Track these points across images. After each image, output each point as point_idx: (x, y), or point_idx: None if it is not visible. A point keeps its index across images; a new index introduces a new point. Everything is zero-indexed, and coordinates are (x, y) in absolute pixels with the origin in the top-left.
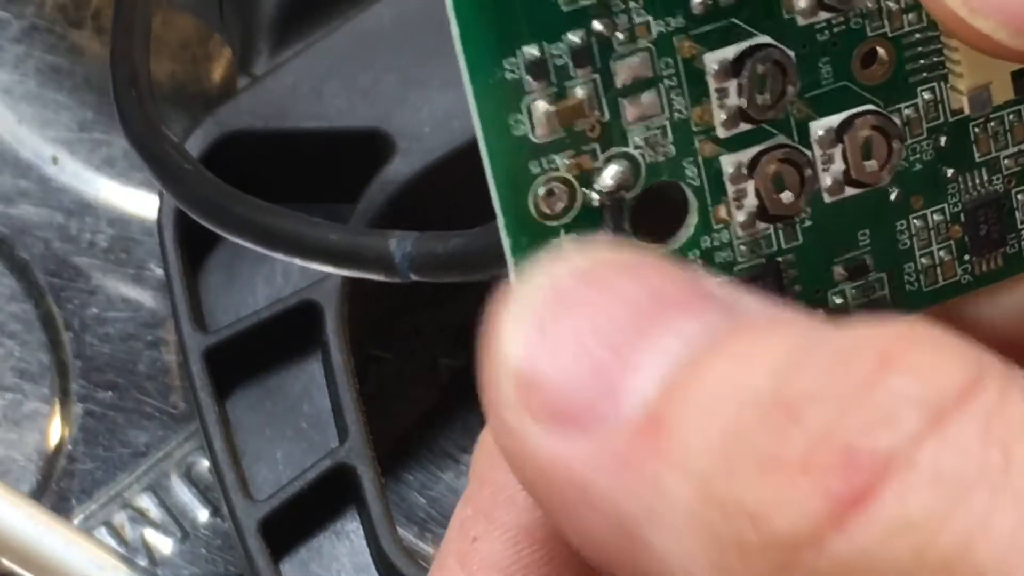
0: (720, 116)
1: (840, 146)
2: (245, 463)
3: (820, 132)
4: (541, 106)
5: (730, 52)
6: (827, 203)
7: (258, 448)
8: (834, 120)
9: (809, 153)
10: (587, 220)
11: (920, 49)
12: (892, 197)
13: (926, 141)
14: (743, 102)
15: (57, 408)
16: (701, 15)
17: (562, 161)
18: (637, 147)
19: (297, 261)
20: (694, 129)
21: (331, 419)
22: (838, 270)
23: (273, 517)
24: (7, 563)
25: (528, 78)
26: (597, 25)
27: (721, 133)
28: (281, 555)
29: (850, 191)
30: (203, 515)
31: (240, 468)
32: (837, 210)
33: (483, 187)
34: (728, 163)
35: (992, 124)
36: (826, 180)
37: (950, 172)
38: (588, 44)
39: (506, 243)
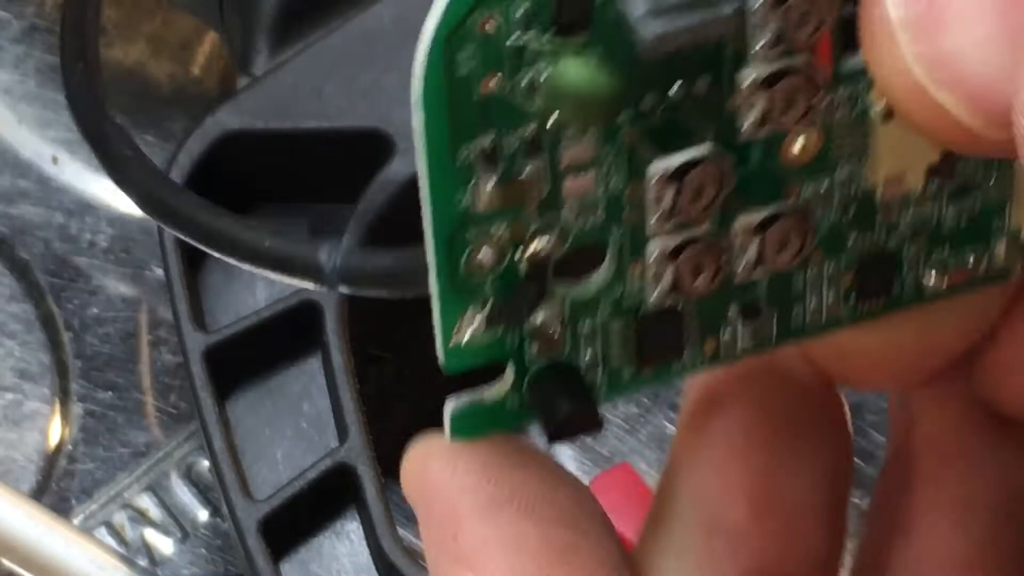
0: (654, 215)
1: (756, 239)
2: (245, 463)
3: (740, 227)
4: (487, 187)
5: (672, 162)
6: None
7: (258, 448)
8: (753, 217)
9: (724, 242)
10: (512, 279)
11: (847, 139)
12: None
13: (836, 213)
14: (677, 206)
15: (57, 408)
16: (647, 112)
17: (497, 229)
18: (568, 216)
19: (230, 261)
20: (624, 202)
21: (331, 419)
22: (732, 310)
23: (273, 517)
24: (7, 563)
25: (480, 163)
26: (551, 119)
27: (653, 226)
28: (281, 555)
29: (761, 275)
30: (203, 515)
31: (240, 468)
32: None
33: None
34: (653, 247)
35: (899, 195)
36: (738, 266)
37: (853, 235)
38: (539, 136)
39: (435, 291)
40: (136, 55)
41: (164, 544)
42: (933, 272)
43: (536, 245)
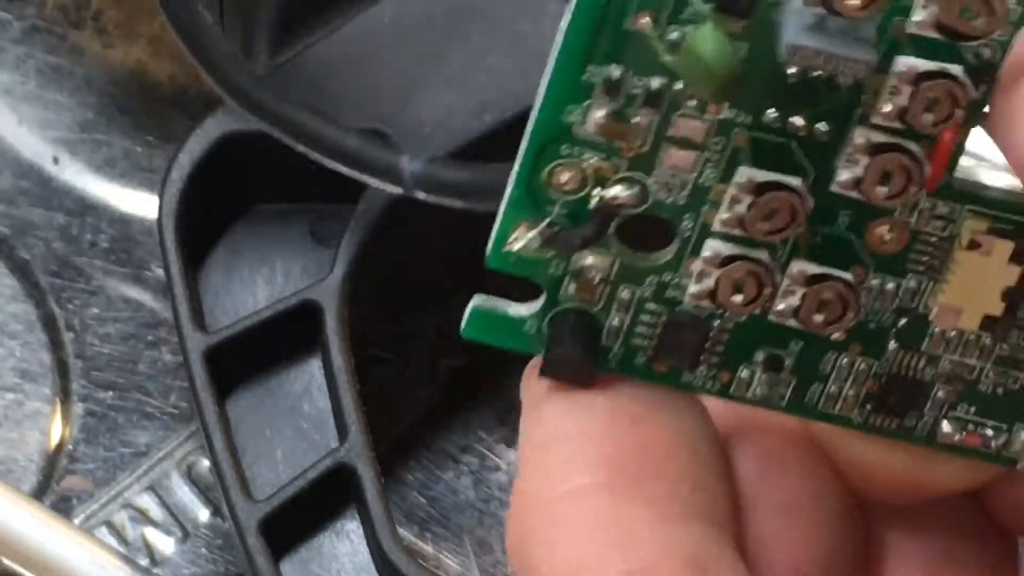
0: (723, 215)
1: (803, 290)
2: (245, 463)
3: (795, 271)
4: (598, 113)
5: (759, 175)
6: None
7: (258, 448)
8: (810, 268)
9: (777, 279)
10: (580, 211)
11: (930, 249)
12: (834, 335)
13: (890, 314)
14: (745, 217)
15: (58, 408)
16: (767, 124)
17: (589, 158)
18: (656, 182)
19: (313, 156)
20: (709, 198)
21: (331, 419)
22: (759, 355)
23: (273, 517)
24: (8, 563)
25: (600, 89)
26: (679, 85)
27: (717, 226)
28: (281, 555)
29: (794, 323)
30: (204, 515)
31: (240, 468)
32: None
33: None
34: (709, 247)
35: (952, 334)
36: (778, 305)
37: (893, 345)
38: (662, 92)
39: (509, 190)
40: (137, 55)
41: (165, 544)
42: (950, 424)
43: (616, 191)
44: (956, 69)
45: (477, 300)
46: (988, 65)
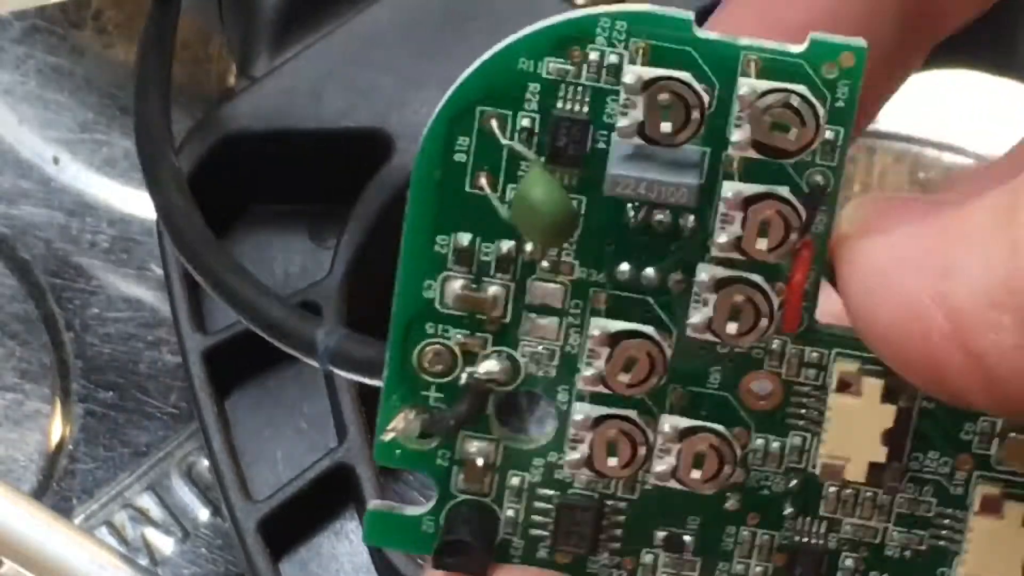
0: (585, 373)
1: (677, 446)
2: (245, 463)
3: (667, 427)
4: (454, 284)
5: (611, 325)
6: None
7: (258, 448)
8: (681, 422)
9: (651, 437)
10: (454, 392)
11: (807, 401)
12: (728, 505)
13: (779, 477)
14: (605, 371)
15: (58, 408)
16: (621, 281)
17: (455, 334)
18: (523, 354)
19: (239, 317)
20: (579, 366)
21: (330, 419)
22: (658, 535)
23: (273, 517)
24: (8, 562)
25: (452, 259)
26: (529, 246)
27: (579, 384)
28: (281, 554)
29: (676, 485)
30: (203, 515)
31: (240, 468)
32: (668, 492)
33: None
34: (577, 410)
35: (847, 491)
36: (657, 467)
37: (789, 510)
38: (515, 256)
39: (385, 374)
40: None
41: (165, 543)
42: None
43: (486, 367)
44: (782, 190)
45: (372, 504)
46: (821, 190)
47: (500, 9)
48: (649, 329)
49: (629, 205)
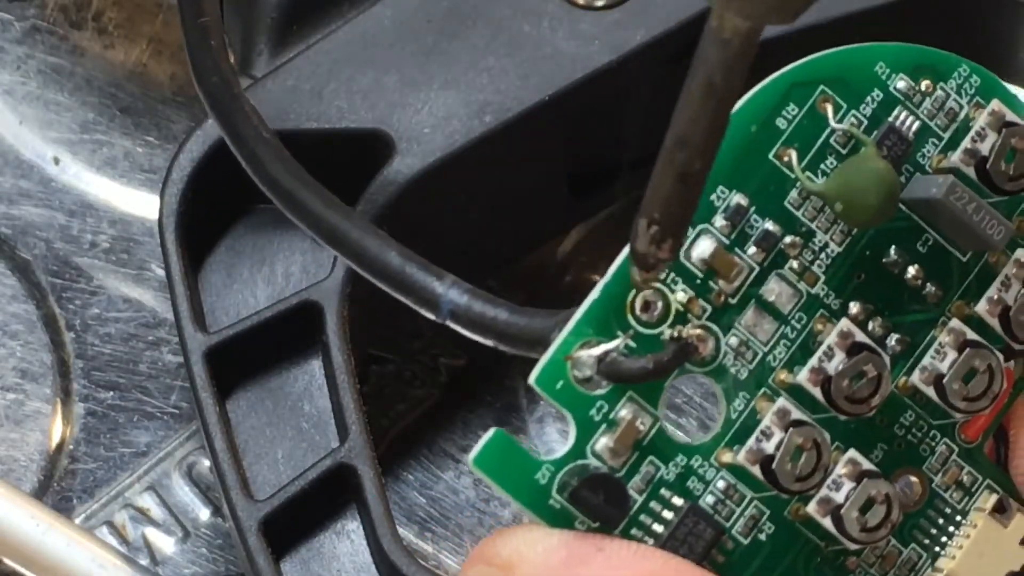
0: (813, 364)
1: (851, 485)
2: (246, 463)
3: (848, 459)
4: (707, 242)
5: (859, 335)
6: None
7: (259, 448)
8: (864, 463)
9: (829, 464)
10: (647, 346)
11: (945, 512)
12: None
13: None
14: (833, 372)
15: (59, 408)
16: (851, 317)
17: (681, 289)
18: (728, 345)
19: (352, 266)
20: (769, 382)
21: (331, 419)
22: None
23: (274, 517)
24: (9, 562)
25: (722, 214)
26: (788, 239)
27: (803, 377)
28: (282, 554)
29: (829, 523)
30: (204, 514)
31: (241, 468)
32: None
33: (483, 188)
34: (780, 403)
35: None
36: (823, 492)
37: None
38: (775, 239)
39: (590, 299)
40: (137, 55)
41: (165, 543)
42: None
43: (695, 332)
44: None
45: (498, 432)
46: None
47: (501, 10)
48: (885, 357)
49: (893, 248)
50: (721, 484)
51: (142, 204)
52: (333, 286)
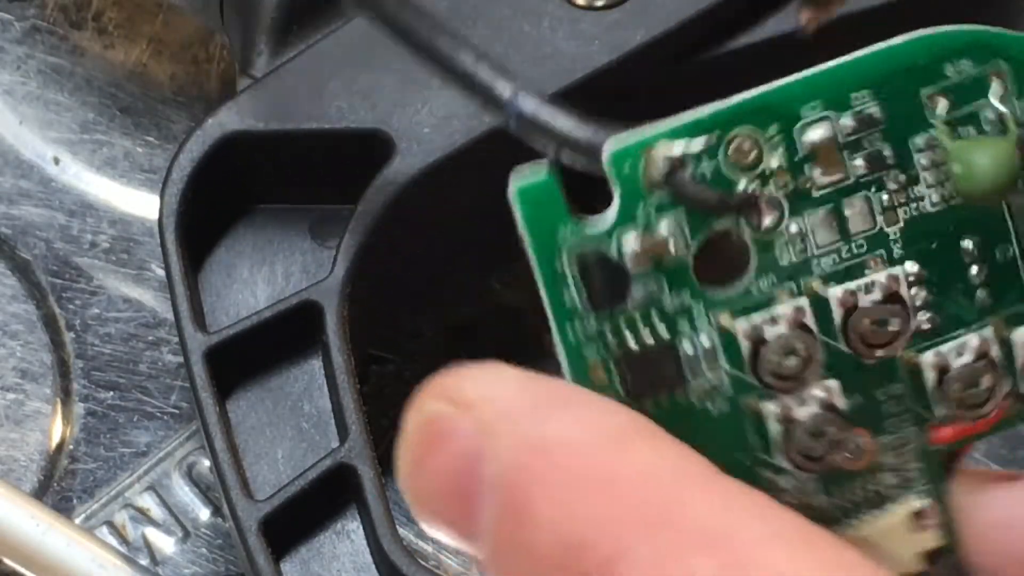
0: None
1: (816, 411)
2: (246, 463)
3: (828, 385)
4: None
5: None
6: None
7: (259, 448)
8: (837, 399)
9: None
10: (728, 180)
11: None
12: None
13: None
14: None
15: (59, 408)
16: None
17: (774, 158)
18: (788, 229)
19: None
20: (804, 281)
21: (331, 419)
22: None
23: (274, 517)
24: (9, 562)
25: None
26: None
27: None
28: (282, 554)
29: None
30: (204, 514)
31: (241, 468)
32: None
33: (483, 188)
34: (788, 305)
35: None
36: (796, 413)
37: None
38: (884, 160)
39: (695, 116)
40: (137, 55)
41: (165, 543)
42: None
43: (771, 191)
44: None
45: (551, 177)
46: None
47: (501, 10)
48: (913, 322)
49: (975, 239)
50: (706, 341)
51: (142, 204)
52: (333, 286)
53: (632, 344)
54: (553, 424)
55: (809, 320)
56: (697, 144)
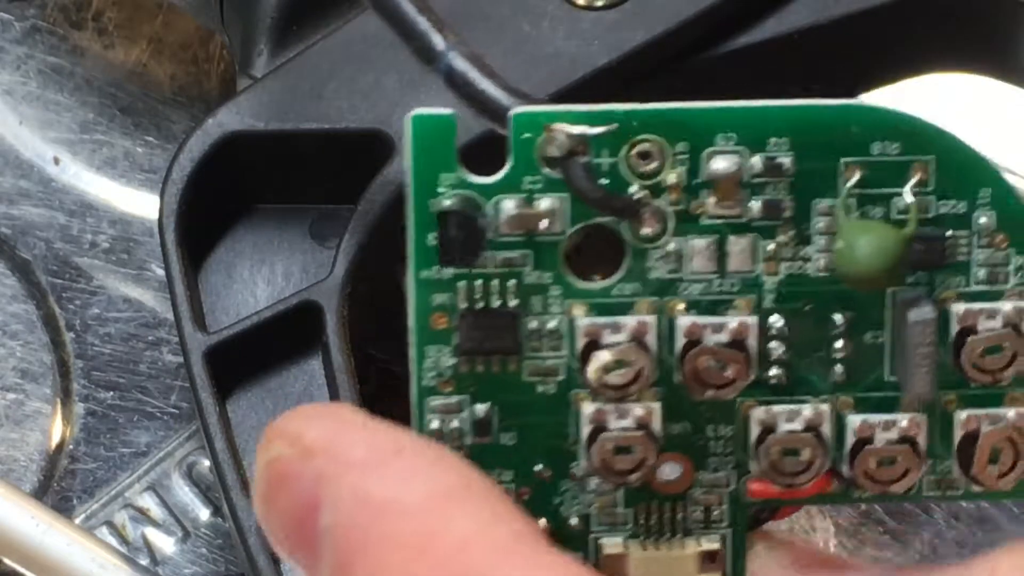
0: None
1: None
2: (246, 463)
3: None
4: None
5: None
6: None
7: None
8: (654, 423)
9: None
10: (621, 183)
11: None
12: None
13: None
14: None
15: (59, 408)
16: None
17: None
18: (667, 246)
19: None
20: (665, 298)
21: None
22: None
23: None
24: (9, 562)
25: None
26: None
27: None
28: None
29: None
30: (204, 514)
31: (241, 467)
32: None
33: None
34: (638, 314)
35: None
36: (609, 421)
37: None
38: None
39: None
40: (137, 55)
41: (165, 543)
42: None
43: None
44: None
45: (453, 115)
46: None
47: (501, 10)
48: (754, 373)
49: (844, 314)
50: (552, 323)
51: (142, 204)
52: (333, 286)
53: (479, 302)
54: (386, 481)
55: (650, 338)
56: (597, 130)
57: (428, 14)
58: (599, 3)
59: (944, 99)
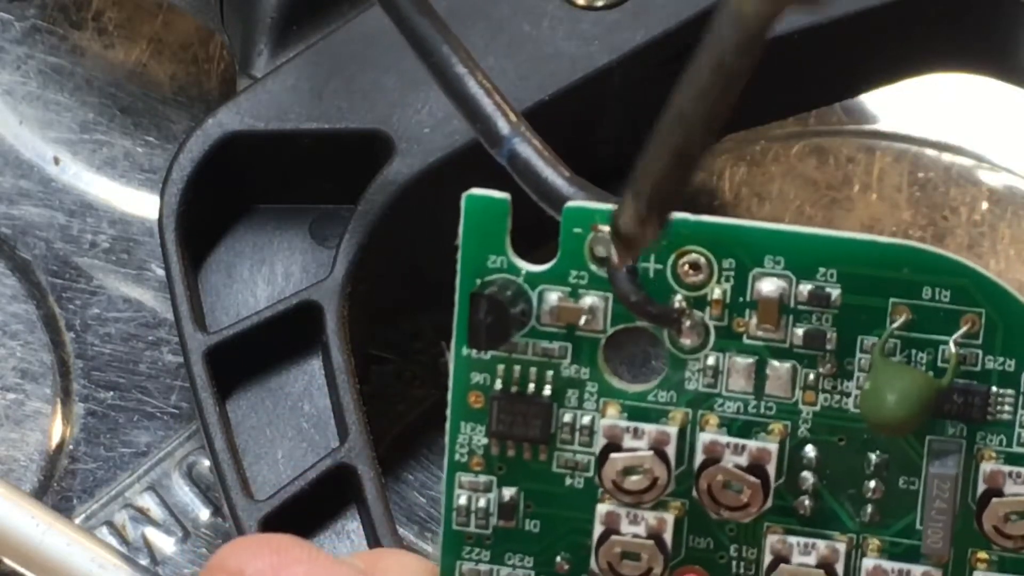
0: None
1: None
2: (246, 463)
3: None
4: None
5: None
6: None
7: (259, 448)
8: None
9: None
10: (665, 291)
11: None
12: None
13: None
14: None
15: (59, 408)
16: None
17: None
18: (705, 360)
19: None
20: (699, 412)
21: (331, 419)
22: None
23: (274, 516)
24: (9, 562)
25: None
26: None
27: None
28: None
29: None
30: (204, 514)
31: (241, 468)
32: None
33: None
34: (669, 424)
35: None
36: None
37: None
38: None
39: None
40: (137, 55)
41: (165, 543)
42: None
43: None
44: None
45: (507, 199)
46: None
47: (501, 10)
48: (770, 501)
49: (877, 454)
50: (586, 419)
51: (142, 204)
52: (333, 286)
53: (513, 386)
54: None
55: (670, 449)
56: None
57: (494, 96)
58: (599, 3)
59: (944, 99)
